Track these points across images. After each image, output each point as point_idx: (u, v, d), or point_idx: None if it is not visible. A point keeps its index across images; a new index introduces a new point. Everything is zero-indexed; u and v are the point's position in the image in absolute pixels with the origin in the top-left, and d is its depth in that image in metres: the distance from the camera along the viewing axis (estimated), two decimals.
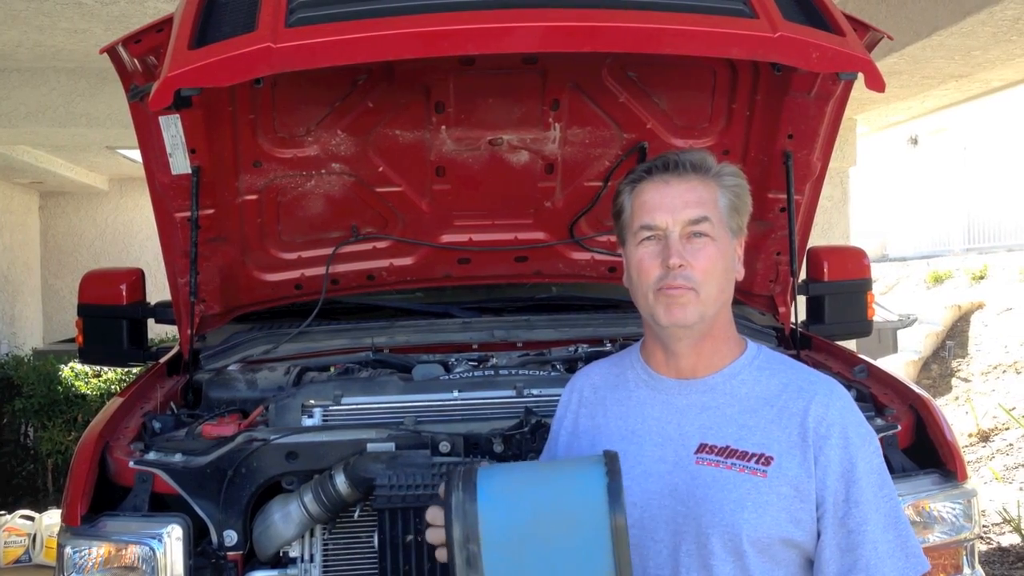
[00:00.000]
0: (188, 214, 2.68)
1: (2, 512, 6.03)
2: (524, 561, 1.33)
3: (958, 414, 8.13)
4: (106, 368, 7.17)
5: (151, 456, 2.29)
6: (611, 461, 1.38)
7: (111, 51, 2.45)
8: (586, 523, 1.34)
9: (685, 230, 1.56)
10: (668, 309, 1.57)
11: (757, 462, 1.52)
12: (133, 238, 11.16)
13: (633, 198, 1.62)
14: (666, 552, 1.55)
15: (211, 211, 2.77)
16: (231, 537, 2.20)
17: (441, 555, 1.43)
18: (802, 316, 3.27)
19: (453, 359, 2.89)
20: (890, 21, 5.36)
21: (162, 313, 3.21)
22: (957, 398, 8.65)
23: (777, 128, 2.80)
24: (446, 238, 3.22)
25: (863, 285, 3.44)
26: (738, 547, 1.50)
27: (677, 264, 1.54)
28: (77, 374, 7.33)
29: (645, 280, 1.58)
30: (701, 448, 1.56)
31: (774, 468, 1.51)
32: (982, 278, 10.99)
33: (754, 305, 3.23)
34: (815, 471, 1.51)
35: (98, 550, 2.15)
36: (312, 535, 2.28)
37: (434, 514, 1.46)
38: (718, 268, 1.57)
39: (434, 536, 1.46)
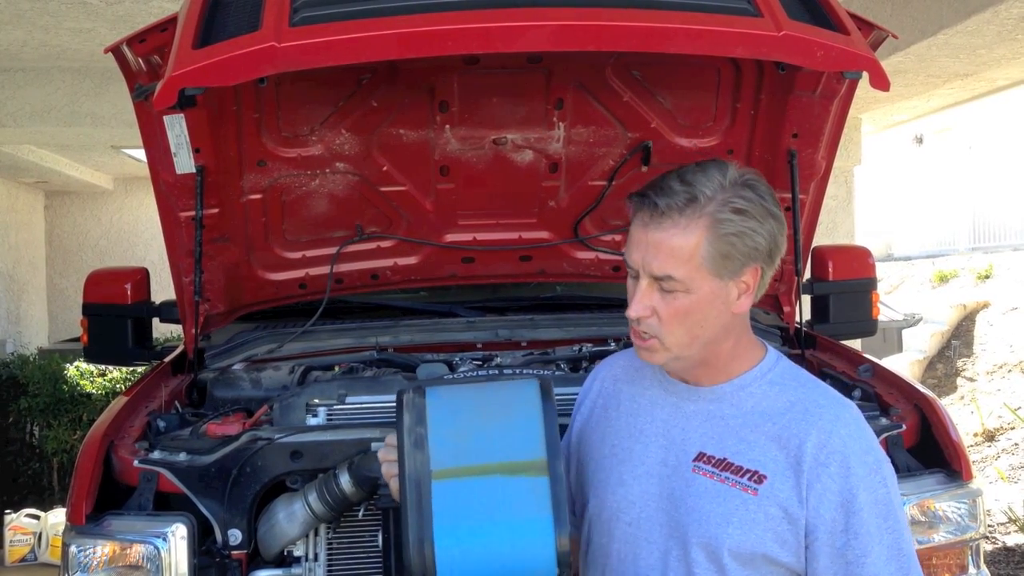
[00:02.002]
0: (193, 213, 2.68)
1: (8, 511, 6.04)
2: (465, 444, 1.49)
3: (963, 414, 8.12)
4: (111, 367, 7.18)
5: (156, 455, 2.30)
6: (544, 381, 1.58)
7: (115, 51, 2.45)
8: (520, 411, 1.53)
9: (654, 281, 1.50)
10: (637, 349, 1.57)
11: (750, 479, 1.49)
12: (138, 237, 11.18)
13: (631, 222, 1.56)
14: (657, 554, 1.55)
15: (215, 210, 2.77)
16: (235, 536, 2.21)
17: (396, 473, 1.55)
18: (807, 315, 3.26)
19: (457, 358, 2.88)
20: (895, 20, 5.35)
21: (167, 312, 3.21)
22: (962, 398, 8.64)
23: (782, 127, 2.80)
24: (450, 237, 3.22)
25: (868, 284, 3.43)
26: (719, 560, 1.49)
27: (633, 316, 1.52)
28: (82, 373, 7.34)
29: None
30: (699, 457, 1.54)
31: (765, 487, 1.48)
32: (987, 277, 10.96)
33: (759, 305, 3.23)
34: (808, 498, 1.47)
35: (103, 549, 2.16)
36: (316, 534, 2.28)
37: (393, 438, 1.59)
38: (691, 320, 1.50)
39: (387, 450, 1.61)
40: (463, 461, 1.47)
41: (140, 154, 6.96)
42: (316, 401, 2.45)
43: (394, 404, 2.43)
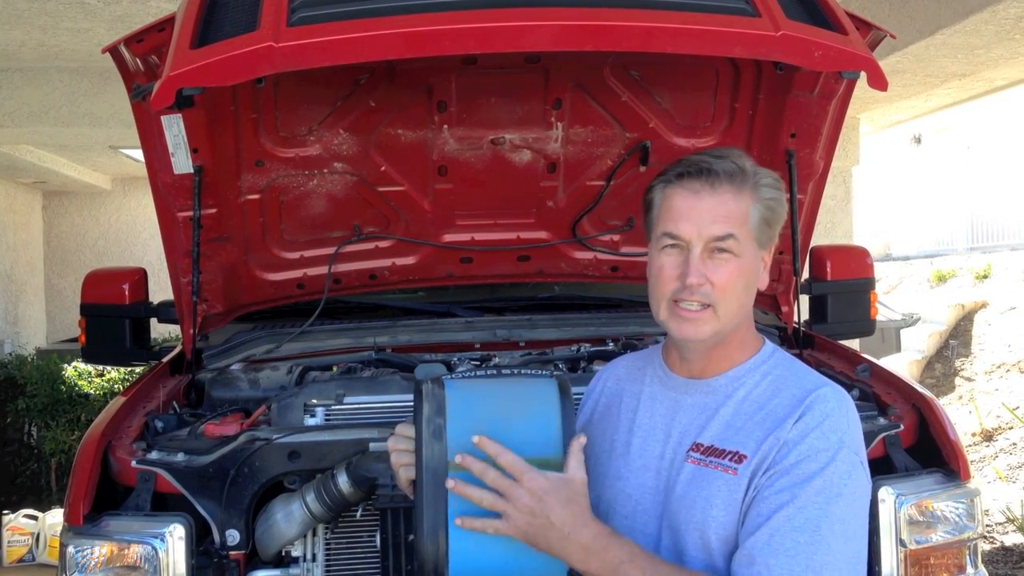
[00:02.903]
0: (190, 214, 2.68)
1: (6, 511, 6.03)
2: (483, 434, 1.49)
3: (961, 413, 8.13)
4: (109, 367, 7.17)
5: (153, 455, 2.30)
6: (562, 380, 1.59)
7: (113, 51, 2.45)
8: (538, 408, 1.54)
9: (709, 245, 1.52)
10: (680, 325, 1.55)
11: (731, 460, 1.50)
12: (136, 238, 11.17)
13: (662, 199, 1.57)
14: (652, 546, 1.55)
15: (213, 210, 2.77)
16: (233, 536, 2.20)
17: (405, 462, 1.57)
18: (805, 315, 3.26)
19: (455, 359, 2.88)
20: (893, 19, 5.35)
21: (165, 312, 3.21)
22: (960, 397, 8.65)
23: (780, 127, 2.80)
24: (448, 237, 3.22)
25: (866, 284, 3.43)
26: (708, 544, 1.50)
27: (696, 284, 1.52)
28: (80, 373, 7.32)
29: (662, 289, 1.56)
30: (691, 447, 1.56)
31: (744, 466, 1.49)
32: (986, 277, 10.98)
33: (757, 304, 3.22)
34: (768, 457, 1.47)
35: (100, 549, 2.15)
36: (314, 534, 2.29)
37: (403, 428, 1.62)
38: (739, 285, 1.54)
39: (397, 439, 1.61)
40: (481, 454, 1.46)
41: (138, 154, 6.93)
42: (314, 401, 2.45)
43: (392, 404, 2.47)
